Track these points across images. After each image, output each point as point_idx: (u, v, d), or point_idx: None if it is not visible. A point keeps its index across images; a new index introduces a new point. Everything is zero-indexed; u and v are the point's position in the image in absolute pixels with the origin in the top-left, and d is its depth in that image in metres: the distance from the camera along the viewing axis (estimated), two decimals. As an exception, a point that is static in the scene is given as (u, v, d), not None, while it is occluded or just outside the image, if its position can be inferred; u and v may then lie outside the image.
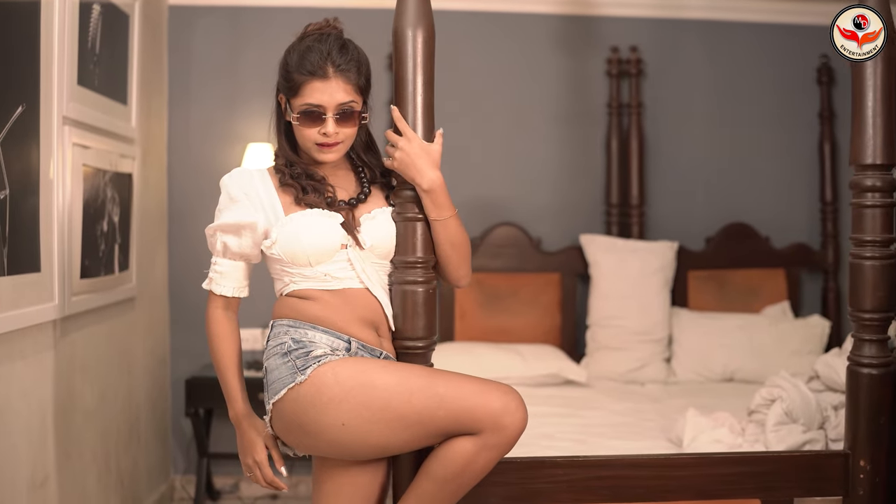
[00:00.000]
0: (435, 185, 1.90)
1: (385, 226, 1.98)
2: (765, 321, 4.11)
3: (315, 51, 1.91)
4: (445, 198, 1.92)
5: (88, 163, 3.06)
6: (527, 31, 4.37)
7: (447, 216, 1.92)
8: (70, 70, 2.88)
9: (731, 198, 4.45)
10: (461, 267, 1.99)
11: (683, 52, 4.44)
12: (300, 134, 1.97)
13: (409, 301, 1.88)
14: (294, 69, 1.93)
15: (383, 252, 1.97)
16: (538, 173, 4.38)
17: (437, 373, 1.85)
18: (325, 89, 1.90)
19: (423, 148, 1.90)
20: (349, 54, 1.92)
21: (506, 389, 1.85)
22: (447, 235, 1.94)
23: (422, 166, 1.89)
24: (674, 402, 3.61)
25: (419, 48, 1.87)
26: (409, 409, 1.79)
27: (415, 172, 1.89)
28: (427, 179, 1.89)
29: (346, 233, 1.92)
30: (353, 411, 1.80)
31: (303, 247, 1.90)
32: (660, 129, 4.43)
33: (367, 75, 1.97)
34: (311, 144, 1.96)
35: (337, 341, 1.91)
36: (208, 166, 4.24)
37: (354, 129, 1.96)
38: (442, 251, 1.95)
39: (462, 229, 1.97)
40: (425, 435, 1.82)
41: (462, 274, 2.00)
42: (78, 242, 2.98)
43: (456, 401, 1.79)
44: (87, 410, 3.13)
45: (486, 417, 1.79)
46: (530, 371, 3.84)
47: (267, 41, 4.20)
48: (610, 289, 4.11)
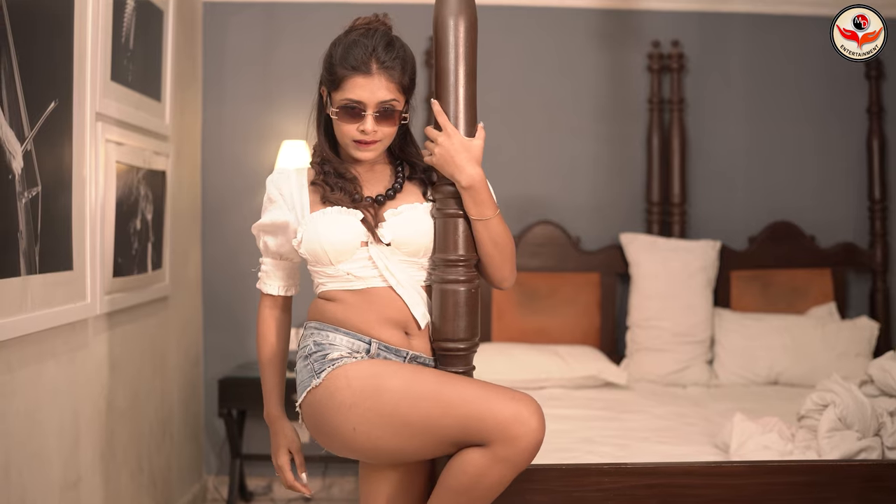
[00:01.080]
0: (475, 181, 1.81)
1: (412, 221, 1.90)
2: (810, 323, 3.99)
3: (360, 45, 1.85)
4: (487, 195, 1.83)
5: (122, 160, 3.02)
6: (565, 25, 4.28)
7: (489, 216, 1.84)
8: (104, 65, 2.84)
9: (775, 196, 4.33)
10: (504, 268, 1.90)
11: (726, 47, 4.33)
12: (339, 129, 1.92)
13: (450, 301, 1.80)
14: (338, 62, 1.88)
15: (411, 249, 1.89)
16: (577, 171, 4.29)
17: (448, 378, 1.77)
18: (367, 86, 1.84)
19: (463, 144, 1.82)
20: (395, 51, 1.87)
21: (519, 397, 1.72)
22: (489, 235, 1.85)
23: (461, 162, 1.80)
24: (717, 405, 3.52)
25: (461, 37, 1.80)
26: (415, 415, 1.73)
27: (454, 169, 1.81)
28: (466, 176, 1.80)
29: (366, 230, 1.88)
30: (362, 416, 1.76)
31: (322, 245, 1.87)
32: (702, 125, 4.32)
33: (411, 74, 1.91)
34: (348, 141, 1.91)
35: (357, 343, 1.88)
36: (243, 164, 4.20)
37: (394, 128, 1.90)
38: (484, 251, 1.86)
39: (505, 229, 1.88)
40: (436, 443, 1.75)
41: (505, 275, 1.91)
42: (111, 240, 2.94)
43: (462, 407, 1.70)
44: (120, 410, 3.09)
45: (495, 427, 1.69)
46: (570, 373, 3.76)
47: (302, 37, 4.16)
48: (651, 289, 4.02)
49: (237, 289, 4.17)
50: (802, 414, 2.67)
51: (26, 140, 2.31)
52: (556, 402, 3.51)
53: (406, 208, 1.92)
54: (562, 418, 3.26)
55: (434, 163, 1.83)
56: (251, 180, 4.19)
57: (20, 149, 2.27)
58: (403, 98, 1.89)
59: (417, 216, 1.91)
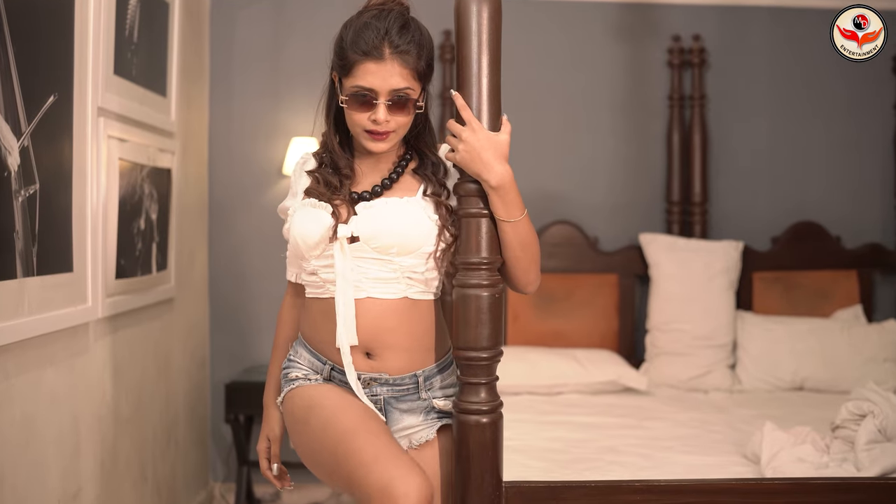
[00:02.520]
0: (505, 180, 1.67)
1: (383, 215, 1.76)
2: (836, 326, 3.86)
3: (372, 28, 1.71)
4: (516, 195, 1.70)
5: (125, 157, 2.90)
6: (582, 19, 4.15)
7: (518, 217, 1.70)
8: (106, 59, 2.73)
9: (798, 195, 4.21)
10: (530, 271, 1.77)
11: (749, 41, 4.19)
12: (349, 118, 1.79)
13: (472, 307, 1.67)
14: (348, 46, 1.74)
15: (379, 244, 1.74)
16: (595, 169, 4.17)
17: (355, 431, 1.69)
18: (379, 72, 1.71)
19: (490, 139, 1.67)
20: (409, 34, 1.72)
21: (402, 473, 1.60)
22: (518, 237, 1.72)
23: (489, 160, 1.66)
24: (741, 411, 3.40)
25: (484, 24, 1.67)
26: (321, 459, 1.76)
27: (481, 167, 1.67)
28: (496, 175, 1.66)
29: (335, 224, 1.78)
30: (298, 440, 1.84)
31: (294, 237, 1.82)
32: (723, 122, 4.19)
33: (428, 60, 1.77)
34: (359, 130, 1.78)
35: (317, 364, 1.87)
36: (250, 161, 4.08)
37: (408, 118, 1.77)
38: (511, 254, 1.73)
39: (533, 230, 1.75)
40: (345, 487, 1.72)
41: (531, 279, 1.78)
42: (113, 241, 2.83)
43: (348, 466, 1.66)
44: (123, 417, 2.98)
45: (364, 496, 1.62)
46: (588, 378, 3.64)
47: (313, 31, 4.05)
48: (671, 291, 3.90)
49: (245, 290, 4.06)
50: (837, 424, 2.54)
51: (23, 135, 2.20)
52: (575, 409, 3.39)
53: (383, 201, 1.79)
54: (582, 426, 3.14)
55: (458, 160, 1.69)
56: (259, 178, 4.07)
57: (17, 144, 2.16)
58: (419, 85, 1.76)
59: (392, 209, 1.77)
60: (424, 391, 1.81)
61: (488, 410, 1.68)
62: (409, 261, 1.75)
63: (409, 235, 1.74)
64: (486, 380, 1.69)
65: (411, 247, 1.74)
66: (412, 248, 1.74)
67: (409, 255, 1.74)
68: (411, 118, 1.78)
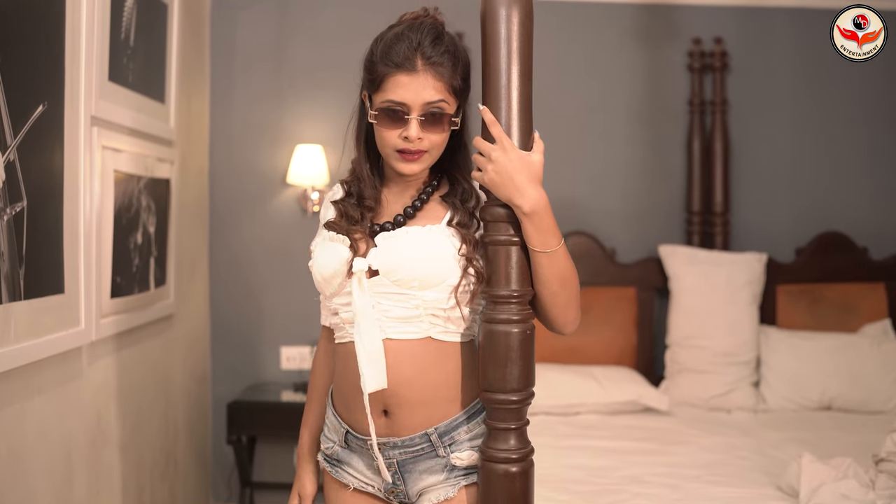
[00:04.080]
0: (539, 206, 1.48)
1: (402, 245, 1.59)
2: (865, 342, 3.69)
3: (404, 39, 1.57)
4: (552, 222, 1.50)
5: (120, 168, 2.74)
6: (599, 21, 3.99)
7: (555, 246, 1.50)
8: (100, 64, 2.57)
9: (824, 204, 4.05)
10: (569, 309, 1.56)
11: (773, 44, 4.03)
12: (379, 137, 1.63)
13: (501, 345, 1.50)
14: (378, 59, 1.59)
15: (399, 277, 1.58)
16: (611, 177, 4.00)
17: None
18: (411, 84, 1.55)
19: (522, 160, 1.49)
20: (443, 46, 1.58)
21: None
22: (555, 270, 1.53)
23: (522, 183, 1.48)
24: (768, 434, 3.25)
25: (514, 30, 1.50)
26: None
27: (513, 191, 1.49)
28: (530, 200, 1.48)
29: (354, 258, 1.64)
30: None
31: (314, 272, 1.68)
32: (746, 128, 4.03)
33: (464, 74, 1.62)
34: (390, 151, 1.62)
35: (339, 427, 1.72)
36: (253, 169, 3.92)
37: (443, 136, 1.60)
38: (547, 290, 1.54)
39: (571, 261, 1.55)
40: None
41: (570, 318, 1.59)
42: (108, 258, 2.67)
43: None
44: (119, 441, 2.82)
45: None
46: (607, 398, 3.47)
47: (318, 33, 3.90)
48: (692, 305, 3.74)
49: (248, 304, 3.90)
50: (882, 457, 2.39)
51: (9, 149, 2.03)
52: (594, 432, 3.24)
53: (404, 231, 1.63)
54: (603, 452, 2.98)
55: (486, 182, 1.51)
56: (263, 187, 3.91)
57: (1, 159, 2.00)
58: (455, 101, 1.60)
59: (413, 238, 1.60)
60: (442, 448, 1.63)
61: (518, 459, 1.52)
62: (431, 294, 1.58)
63: (431, 266, 1.57)
64: (515, 425, 1.52)
65: (433, 279, 1.57)
66: (435, 281, 1.57)
67: (431, 288, 1.58)
68: (446, 137, 1.62)
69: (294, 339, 3.90)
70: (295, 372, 3.89)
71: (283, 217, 3.92)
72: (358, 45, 4.35)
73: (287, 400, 3.64)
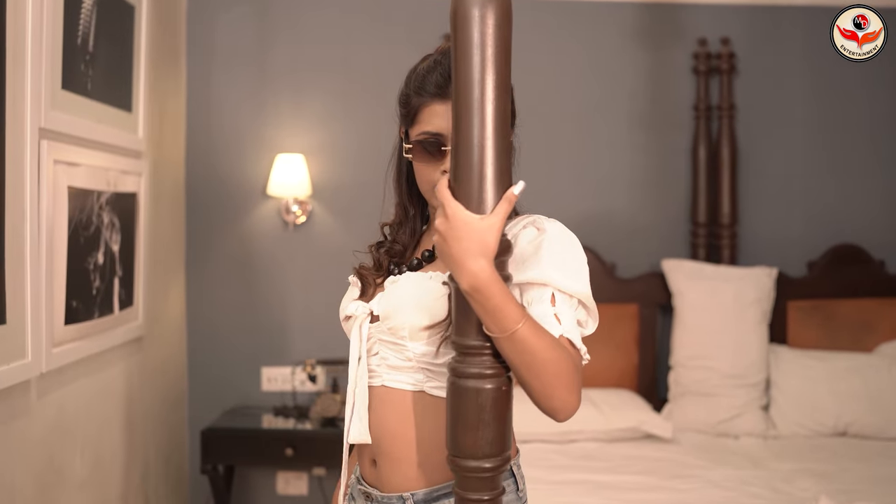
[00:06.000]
0: (480, 282, 1.21)
1: (402, 292, 1.43)
2: (882, 362, 3.48)
3: (437, 67, 1.45)
4: (501, 300, 1.22)
5: (76, 184, 2.53)
6: (598, 21, 3.77)
7: (511, 329, 1.22)
8: (50, 72, 2.35)
9: (838, 215, 3.83)
10: (553, 396, 1.27)
11: (783, 45, 3.81)
12: (417, 174, 1.48)
13: (472, 403, 1.27)
14: (413, 91, 1.47)
15: (393, 324, 1.42)
16: (612, 187, 3.78)
17: None
18: (447, 113, 1.39)
19: (467, 226, 1.22)
20: None
21: None
22: (518, 357, 1.25)
23: (460, 255, 1.22)
24: (779, 465, 3.04)
25: (489, 34, 1.27)
26: None
27: (451, 264, 1.24)
28: (467, 275, 1.21)
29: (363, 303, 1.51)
30: None
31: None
32: (755, 134, 3.81)
33: None
34: (429, 188, 1.45)
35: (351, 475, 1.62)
36: (233, 180, 3.70)
37: None
38: (516, 374, 1.29)
39: (543, 342, 1.25)
40: None
41: (556, 405, 1.28)
42: (62, 282, 2.45)
43: None
44: (76, 480, 2.60)
45: None
46: (606, 424, 3.26)
47: (300, 35, 3.69)
48: (697, 323, 3.52)
49: (226, 323, 3.68)
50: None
51: (-67, 168, 1.82)
52: (591, 463, 3.02)
53: (407, 276, 1.47)
54: (602, 487, 2.76)
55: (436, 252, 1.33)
56: (243, 199, 3.69)
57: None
58: None
59: (412, 284, 1.43)
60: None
61: (493, 535, 1.29)
62: (421, 347, 1.41)
63: (419, 316, 1.40)
64: (489, 496, 1.29)
65: (420, 329, 1.41)
66: (421, 333, 1.41)
67: (420, 340, 1.41)
68: None
69: (276, 359, 3.68)
70: (276, 394, 3.67)
71: (264, 231, 3.70)
72: (342, 47, 4.08)
73: (268, 426, 3.42)
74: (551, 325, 1.32)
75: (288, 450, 3.31)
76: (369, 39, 3.67)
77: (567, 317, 1.35)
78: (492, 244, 1.23)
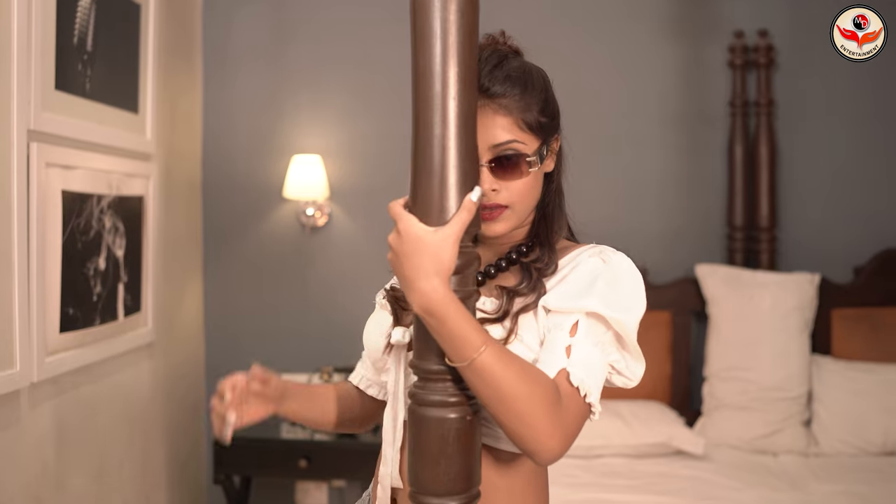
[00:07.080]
0: (432, 305, 1.08)
1: None
2: (933, 374, 3.25)
3: None
4: (457, 325, 1.09)
5: (71, 188, 2.45)
6: (627, 13, 3.62)
7: (470, 357, 1.09)
8: (42, 71, 2.29)
9: (885, 218, 3.60)
10: (525, 437, 1.12)
11: (824, 37, 3.55)
12: None
13: (434, 434, 1.14)
14: None
15: None
16: (643, 188, 3.62)
17: None
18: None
19: (420, 242, 1.10)
20: (504, 72, 1.27)
21: None
22: (483, 388, 1.11)
23: (410, 274, 1.10)
24: (821, 486, 2.85)
25: (452, 20, 1.13)
26: None
27: (403, 283, 1.12)
28: (418, 296, 1.09)
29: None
30: None
31: (364, 343, 1.46)
32: (795, 132, 3.60)
33: (542, 105, 1.31)
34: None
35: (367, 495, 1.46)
36: (250, 181, 3.62)
37: (524, 183, 1.29)
38: (486, 408, 1.15)
39: (510, 373, 1.10)
40: None
41: (530, 447, 1.13)
42: (56, 290, 2.38)
43: None
44: (75, 491, 2.53)
45: None
46: (634, 439, 3.09)
47: (318, 32, 3.61)
48: (733, 332, 3.35)
49: (243, 327, 3.60)
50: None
51: None
52: (617, 481, 2.86)
53: None
54: (626, 507, 2.60)
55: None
56: (260, 201, 3.60)
57: None
58: (533, 137, 1.29)
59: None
60: None
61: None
62: None
63: None
64: (456, 541, 1.16)
65: None
66: None
67: None
68: (531, 184, 1.30)
69: (293, 365, 3.58)
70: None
71: (281, 234, 3.61)
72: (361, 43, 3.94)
73: (287, 437, 3.31)
74: (555, 356, 1.18)
75: (302, 461, 3.20)
76: (388, 35, 3.55)
77: (582, 352, 1.20)
78: (446, 260, 1.09)
